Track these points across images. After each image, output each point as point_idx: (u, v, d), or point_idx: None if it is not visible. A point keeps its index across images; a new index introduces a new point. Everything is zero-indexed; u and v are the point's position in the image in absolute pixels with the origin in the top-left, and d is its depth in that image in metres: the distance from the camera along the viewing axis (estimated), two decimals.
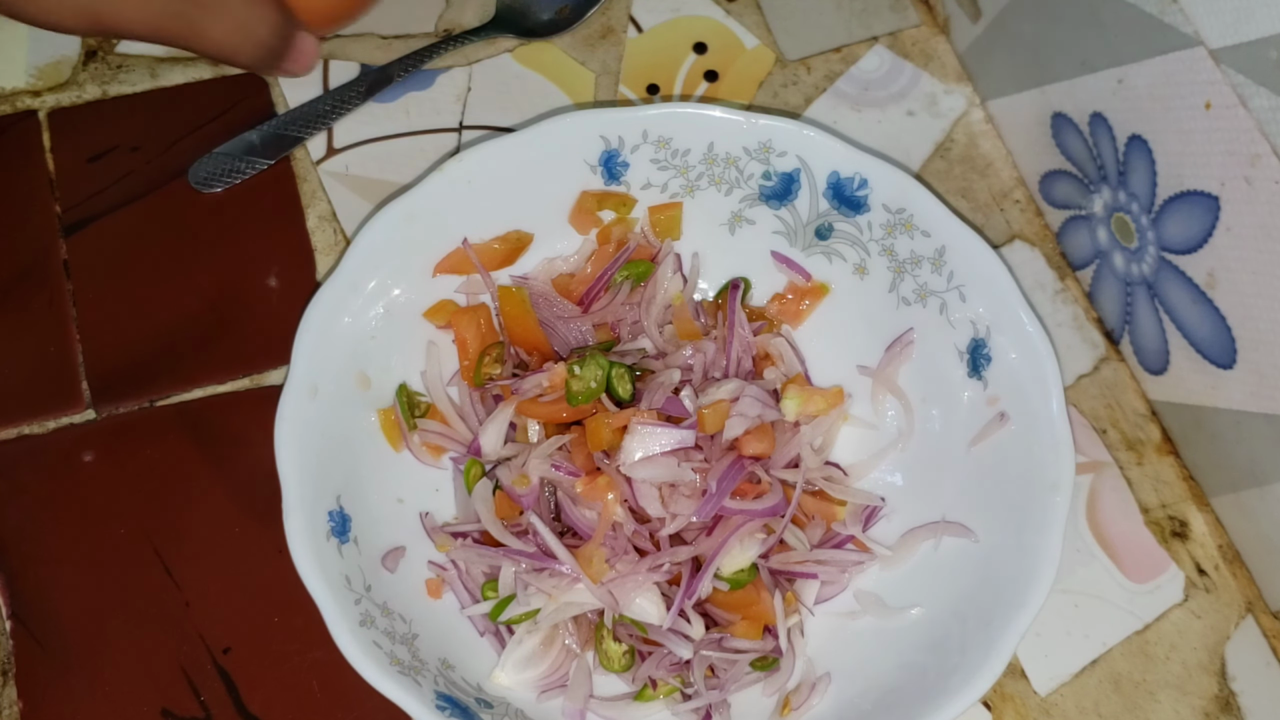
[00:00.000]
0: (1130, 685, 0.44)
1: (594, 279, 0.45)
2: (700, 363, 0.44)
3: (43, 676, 0.41)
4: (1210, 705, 0.44)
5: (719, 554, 0.40)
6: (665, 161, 0.45)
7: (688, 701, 0.40)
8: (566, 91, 0.54)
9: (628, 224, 0.46)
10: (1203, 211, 0.42)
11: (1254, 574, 0.46)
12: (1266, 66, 0.38)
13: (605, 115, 0.44)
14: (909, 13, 0.57)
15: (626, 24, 0.56)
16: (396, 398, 0.43)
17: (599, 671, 0.41)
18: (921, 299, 0.44)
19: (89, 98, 0.52)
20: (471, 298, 0.45)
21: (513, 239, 0.46)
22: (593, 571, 0.39)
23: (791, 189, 0.45)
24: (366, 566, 0.40)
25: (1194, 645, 0.45)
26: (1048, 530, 0.39)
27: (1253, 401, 0.43)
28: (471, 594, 0.42)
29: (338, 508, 0.40)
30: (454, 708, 0.37)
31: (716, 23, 0.57)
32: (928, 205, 0.43)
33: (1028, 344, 0.41)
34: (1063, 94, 0.49)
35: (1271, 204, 0.39)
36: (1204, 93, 0.41)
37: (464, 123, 0.53)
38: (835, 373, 0.46)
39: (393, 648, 0.37)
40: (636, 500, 0.40)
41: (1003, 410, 0.42)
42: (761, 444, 0.41)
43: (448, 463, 0.44)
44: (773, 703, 0.40)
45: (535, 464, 0.41)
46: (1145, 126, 0.44)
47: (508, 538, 0.40)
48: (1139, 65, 0.44)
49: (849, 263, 0.46)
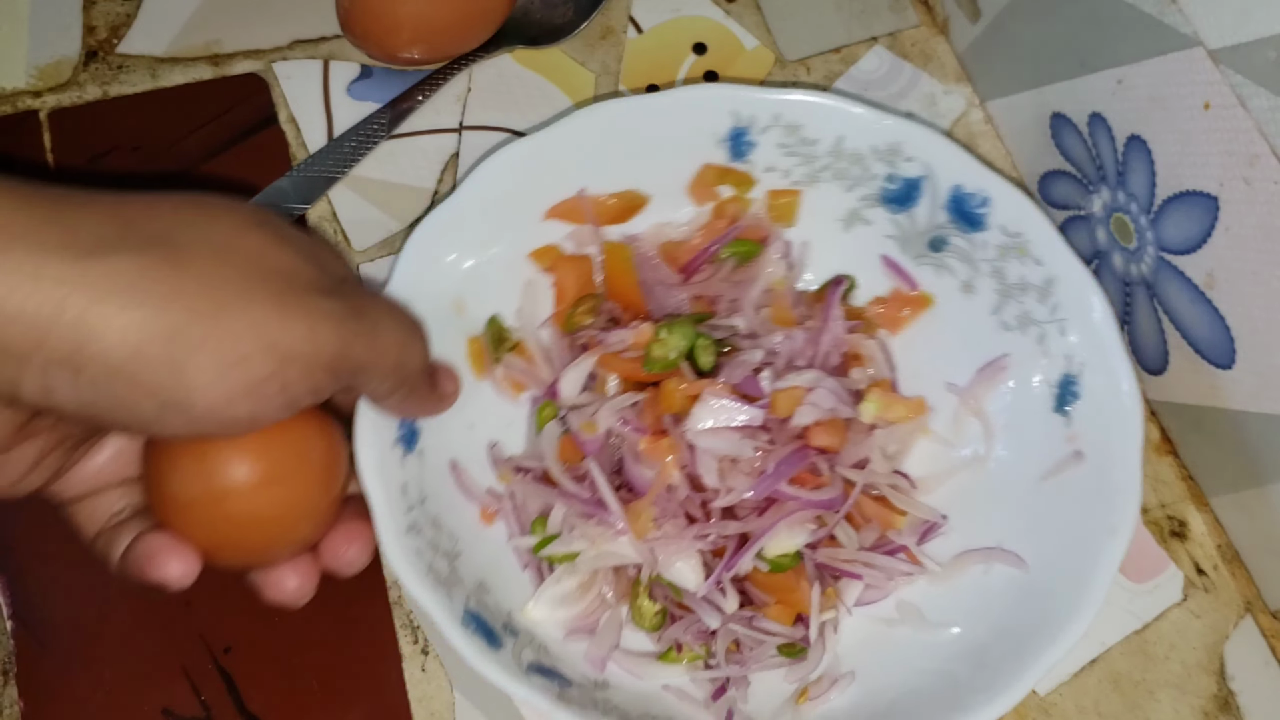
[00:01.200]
0: (1129, 684, 0.44)
1: (700, 250, 0.46)
2: (787, 349, 0.44)
3: (44, 676, 0.41)
4: (1209, 704, 0.44)
5: (766, 534, 0.40)
6: (792, 148, 0.45)
7: (708, 671, 0.40)
8: (566, 91, 0.54)
9: (744, 203, 0.47)
10: (1202, 212, 0.42)
11: (1253, 574, 0.46)
12: (1266, 67, 0.38)
13: (741, 92, 0.44)
14: (908, 13, 0.58)
15: (626, 24, 0.56)
16: (486, 328, 0.44)
17: (629, 626, 0.42)
18: (1022, 326, 0.44)
19: (90, 98, 0.52)
20: (579, 247, 0.46)
21: (628, 198, 0.46)
22: (639, 527, 0.40)
23: (913, 195, 0.45)
24: (426, 481, 0.40)
25: (1193, 645, 0.45)
26: (1098, 573, 0.38)
27: (1252, 401, 0.43)
28: (521, 527, 0.42)
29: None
30: (479, 627, 0.37)
31: (716, 23, 0.57)
32: (1045, 234, 0.42)
33: (1119, 388, 0.41)
34: (1062, 94, 0.49)
35: (1270, 204, 0.39)
36: (1203, 93, 0.41)
37: (464, 123, 0.53)
38: (922, 385, 0.46)
39: (434, 559, 0.38)
40: (695, 468, 0.40)
41: (1080, 449, 0.41)
42: (830, 438, 0.41)
43: (524, 401, 0.45)
44: (791, 689, 0.41)
45: (605, 414, 0.41)
46: (1144, 127, 0.44)
47: (565, 480, 0.41)
48: (1138, 66, 0.44)
49: (957, 278, 0.45)
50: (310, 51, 0.54)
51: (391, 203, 0.51)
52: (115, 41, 0.54)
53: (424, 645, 0.43)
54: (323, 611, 0.43)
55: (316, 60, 0.54)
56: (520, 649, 0.38)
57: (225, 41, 0.54)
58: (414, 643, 0.43)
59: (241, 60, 0.54)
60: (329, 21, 0.55)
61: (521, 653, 0.38)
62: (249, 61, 0.54)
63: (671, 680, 0.41)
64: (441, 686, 0.42)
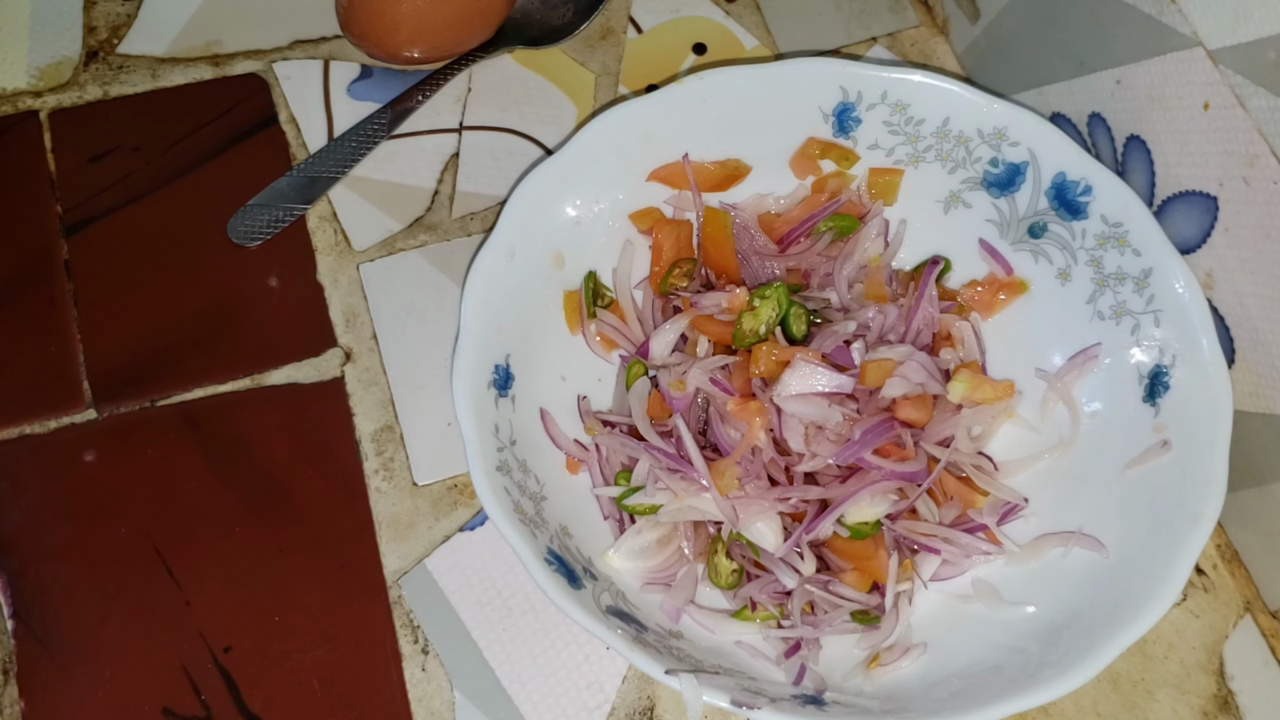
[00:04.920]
0: (1129, 684, 0.44)
1: (798, 222, 0.46)
2: (879, 324, 0.44)
3: (44, 675, 0.41)
4: (1208, 704, 0.44)
5: (847, 501, 0.40)
6: (897, 126, 0.46)
7: (781, 630, 0.41)
8: (566, 92, 0.54)
9: (845, 179, 0.47)
10: (1201, 212, 0.42)
11: (1252, 574, 0.46)
12: (1265, 67, 0.38)
13: (850, 67, 0.45)
14: (908, 14, 0.58)
15: (626, 25, 0.56)
16: (583, 283, 0.45)
17: (704, 583, 0.42)
18: (1117, 316, 0.44)
19: (90, 98, 0.52)
20: (678, 212, 0.47)
21: (731, 166, 0.47)
22: (723, 484, 0.40)
23: (1015, 181, 0.45)
24: (517, 425, 0.42)
25: (1192, 644, 0.45)
26: (1179, 559, 0.38)
27: (1251, 401, 0.43)
28: (606, 478, 0.43)
29: (505, 364, 0.42)
30: (561, 566, 0.38)
31: (716, 23, 0.57)
32: (1146, 225, 0.42)
33: (1210, 382, 0.41)
34: (1061, 94, 0.49)
35: (1270, 204, 0.39)
36: (1202, 93, 0.41)
37: (464, 123, 0.53)
38: (1011, 369, 0.46)
39: (520, 499, 0.39)
40: (781, 432, 0.41)
41: (1167, 439, 0.41)
42: (917, 412, 0.41)
43: (615, 358, 0.46)
44: (862, 654, 0.41)
45: (695, 374, 0.42)
46: (1143, 127, 0.44)
47: (652, 435, 0.42)
48: (1137, 66, 0.44)
49: (1054, 266, 0.46)
50: (310, 51, 0.54)
51: (391, 203, 0.51)
52: (116, 42, 0.54)
53: (424, 645, 0.43)
54: (323, 611, 0.43)
55: (316, 60, 0.54)
56: (599, 592, 0.39)
57: (225, 42, 0.54)
58: (414, 643, 0.43)
59: (242, 60, 0.54)
60: (329, 21, 0.55)
61: (600, 596, 0.39)
62: (249, 61, 0.54)
63: (744, 637, 0.41)
64: (441, 686, 0.42)
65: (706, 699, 0.36)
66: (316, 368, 0.47)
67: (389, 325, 0.48)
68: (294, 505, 0.44)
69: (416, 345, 0.48)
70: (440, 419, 0.46)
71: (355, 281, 0.49)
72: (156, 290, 0.48)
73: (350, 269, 0.49)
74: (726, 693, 0.37)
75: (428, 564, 0.44)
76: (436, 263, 0.50)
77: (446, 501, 0.45)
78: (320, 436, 0.46)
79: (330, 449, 0.46)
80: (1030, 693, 0.37)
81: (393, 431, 0.46)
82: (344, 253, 0.50)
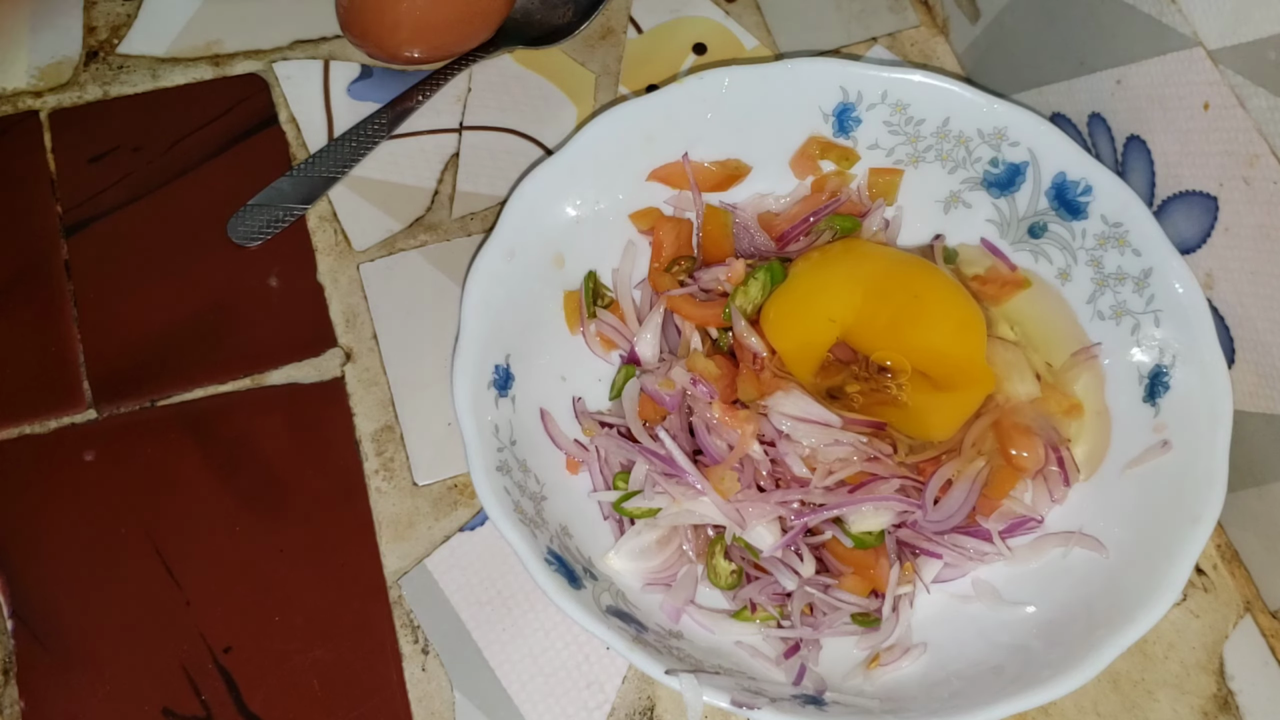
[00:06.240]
0: (1129, 684, 0.44)
1: (797, 219, 0.46)
2: None
3: (44, 675, 0.41)
4: (1208, 704, 0.44)
5: (848, 507, 0.40)
6: (898, 126, 0.46)
7: (781, 630, 0.41)
8: (566, 92, 0.54)
9: (845, 179, 0.47)
10: (1201, 212, 0.42)
11: (1252, 574, 0.46)
12: (1265, 67, 0.38)
13: (850, 67, 0.45)
14: (908, 14, 0.58)
15: (626, 25, 0.56)
16: (583, 283, 0.45)
17: (704, 584, 0.42)
18: (1117, 316, 0.44)
19: (90, 98, 0.52)
20: (678, 211, 0.47)
21: (730, 166, 0.47)
22: (723, 489, 0.40)
23: (1015, 181, 0.45)
24: (517, 425, 0.42)
25: (1192, 644, 0.45)
26: (1179, 559, 0.38)
27: (1251, 401, 0.43)
28: (605, 480, 0.43)
29: (505, 364, 0.42)
30: (561, 566, 0.38)
31: (716, 24, 0.57)
32: (1146, 225, 0.43)
33: (1211, 381, 0.41)
34: (1061, 95, 0.49)
35: (1270, 204, 0.39)
36: (1202, 93, 0.41)
37: (464, 123, 0.53)
38: None
39: (520, 499, 0.39)
40: (780, 455, 0.40)
41: (1167, 439, 0.41)
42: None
43: (615, 359, 0.46)
44: (862, 655, 0.41)
45: (678, 372, 0.42)
46: (1143, 127, 0.44)
47: (645, 438, 0.42)
48: (1137, 66, 0.44)
49: (1054, 265, 0.46)
50: (310, 51, 0.54)
51: (391, 203, 0.51)
52: (116, 42, 0.54)
53: (424, 645, 0.43)
54: (323, 611, 0.43)
55: (317, 60, 0.54)
56: (599, 592, 0.39)
57: (226, 41, 0.54)
58: (414, 643, 0.43)
59: (242, 60, 0.54)
60: (329, 21, 0.55)
61: (600, 596, 0.39)
62: (249, 61, 0.54)
63: (744, 637, 0.41)
64: (441, 686, 0.42)
65: (706, 699, 0.36)
66: (316, 368, 0.47)
67: (389, 325, 0.48)
68: (294, 505, 0.44)
69: (416, 345, 0.48)
70: (440, 419, 0.46)
71: (355, 281, 0.49)
72: (157, 290, 0.48)
73: (350, 269, 0.49)
74: (726, 693, 0.37)
75: (428, 564, 0.44)
76: (436, 263, 0.50)
77: (446, 501, 0.45)
78: (320, 436, 0.46)
79: (330, 449, 0.46)
80: (1031, 693, 0.37)
81: (393, 431, 0.46)
82: (344, 253, 0.50)
